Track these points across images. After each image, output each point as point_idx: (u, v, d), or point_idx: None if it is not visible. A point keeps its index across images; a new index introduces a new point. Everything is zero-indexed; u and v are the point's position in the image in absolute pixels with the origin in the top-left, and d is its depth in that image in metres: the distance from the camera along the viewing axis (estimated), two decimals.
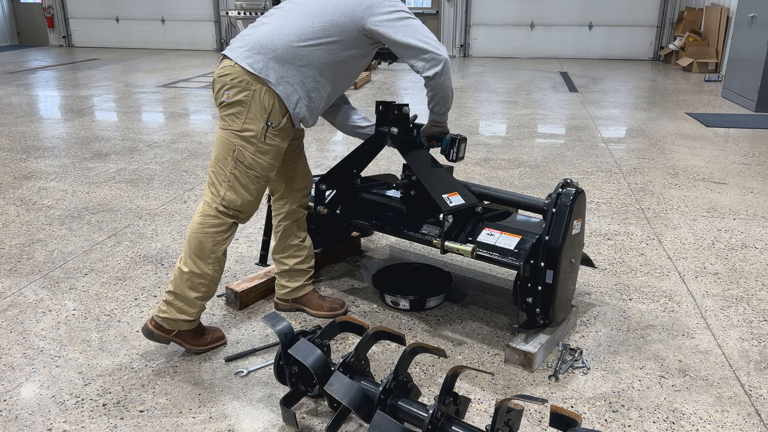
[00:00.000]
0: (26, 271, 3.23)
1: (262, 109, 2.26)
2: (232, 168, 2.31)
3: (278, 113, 2.29)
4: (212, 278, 2.39)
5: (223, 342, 2.55)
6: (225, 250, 2.41)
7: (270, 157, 2.34)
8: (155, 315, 2.40)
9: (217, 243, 2.36)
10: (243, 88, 2.25)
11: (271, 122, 2.28)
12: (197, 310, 2.41)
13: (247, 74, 2.25)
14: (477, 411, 2.18)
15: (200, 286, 2.37)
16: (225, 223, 2.37)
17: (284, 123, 2.32)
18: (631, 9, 13.16)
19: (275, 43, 2.27)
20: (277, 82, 2.26)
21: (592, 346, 2.58)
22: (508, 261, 2.40)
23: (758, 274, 3.24)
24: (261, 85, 2.25)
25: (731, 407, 2.20)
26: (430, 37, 2.31)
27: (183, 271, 2.35)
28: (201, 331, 2.49)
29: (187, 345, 2.45)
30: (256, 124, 2.27)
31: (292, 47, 2.27)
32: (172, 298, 2.37)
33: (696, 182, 4.77)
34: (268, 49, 2.26)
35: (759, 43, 7.45)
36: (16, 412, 2.15)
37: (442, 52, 2.30)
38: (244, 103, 2.26)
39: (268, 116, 2.27)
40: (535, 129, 6.67)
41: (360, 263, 3.35)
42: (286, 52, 2.27)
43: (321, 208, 2.86)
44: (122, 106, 7.86)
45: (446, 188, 2.54)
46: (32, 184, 4.67)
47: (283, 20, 2.32)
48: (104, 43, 15.73)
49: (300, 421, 2.09)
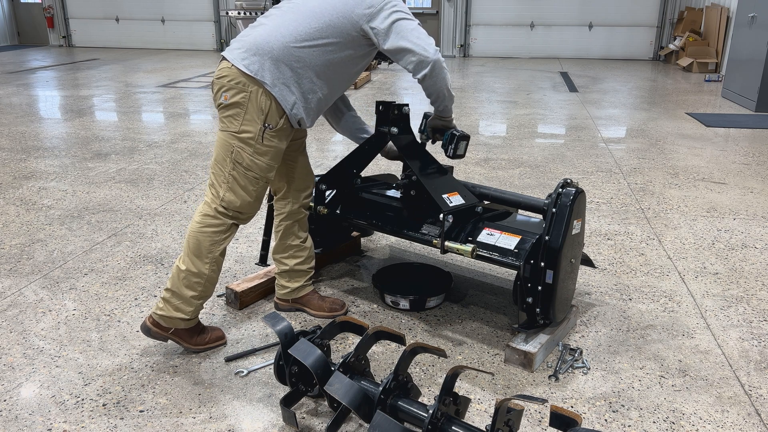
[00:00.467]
0: (26, 271, 3.23)
1: (259, 111, 2.26)
2: (231, 169, 2.32)
3: (275, 114, 2.29)
4: (209, 278, 2.39)
5: (223, 342, 2.55)
6: (223, 251, 2.41)
7: (268, 158, 2.34)
8: (153, 312, 2.41)
9: (215, 243, 2.37)
10: (240, 89, 2.26)
11: (268, 123, 2.28)
12: (193, 309, 2.41)
13: (243, 76, 2.25)
14: (477, 411, 2.18)
15: (197, 285, 2.37)
16: (224, 223, 2.37)
17: (282, 124, 2.32)
18: (631, 9, 13.16)
19: (271, 45, 2.27)
20: (273, 84, 2.26)
21: (592, 346, 2.58)
22: (508, 261, 2.40)
23: (758, 274, 3.24)
24: (257, 87, 2.25)
25: (731, 407, 2.20)
26: (420, 38, 2.28)
27: (180, 269, 2.37)
28: (199, 330, 2.49)
29: (184, 344, 2.46)
30: (254, 125, 2.27)
31: (289, 48, 2.27)
32: (170, 295, 2.38)
33: (696, 182, 4.77)
34: (263, 51, 2.26)
35: (759, 43, 7.45)
36: (16, 412, 2.15)
37: (430, 54, 2.27)
38: (241, 105, 2.26)
39: (265, 118, 2.27)
40: (535, 129, 6.67)
41: (360, 263, 3.35)
42: (282, 53, 2.26)
43: (321, 208, 2.86)
44: (122, 106, 7.86)
45: (446, 188, 2.54)
46: (32, 184, 4.67)
47: (280, 21, 2.32)
48: (104, 43, 15.73)
49: (300, 421, 2.09)
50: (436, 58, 2.29)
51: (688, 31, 11.59)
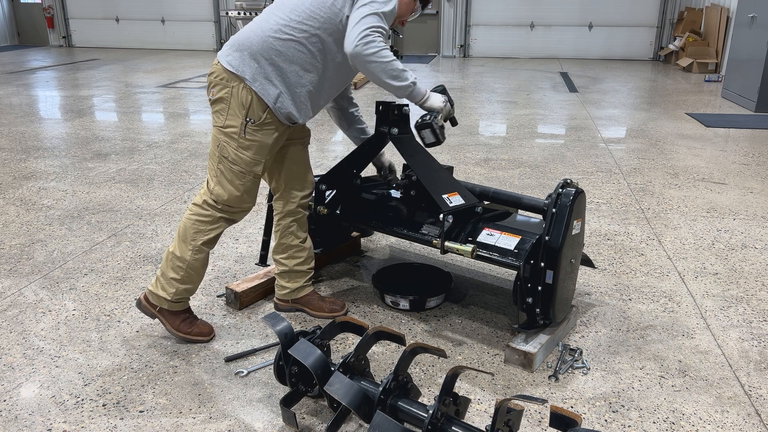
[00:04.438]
0: (26, 271, 3.23)
1: (240, 106, 2.30)
2: (218, 163, 2.39)
3: (257, 109, 2.31)
4: (190, 264, 2.45)
5: (206, 339, 2.57)
6: (208, 242, 2.45)
7: (252, 152, 2.36)
8: (147, 287, 2.56)
9: (198, 231, 2.42)
10: (224, 85, 2.31)
11: (249, 118, 2.31)
12: (174, 292, 2.47)
13: (226, 72, 2.31)
14: (477, 411, 2.18)
15: (179, 269, 2.45)
16: (212, 215, 2.42)
17: (265, 118, 2.33)
18: (631, 9, 13.16)
19: (251, 40, 2.31)
20: (253, 79, 2.29)
21: (592, 347, 2.58)
22: (508, 261, 2.40)
23: (758, 274, 3.24)
24: (238, 82, 2.29)
25: (731, 407, 2.20)
26: (355, 29, 2.19)
27: (169, 250, 2.48)
28: (184, 318, 2.55)
29: (167, 325, 2.54)
30: (236, 120, 2.32)
31: (269, 42, 2.29)
32: (159, 274, 2.50)
33: (696, 182, 4.77)
34: (244, 46, 2.30)
35: (759, 43, 7.45)
36: (16, 412, 2.15)
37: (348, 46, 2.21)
38: (225, 100, 2.32)
39: (247, 112, 2.31)
40: (535, 129, 6.67)
41: (360, 263, 3.35)
42: (262, 47, 2.29)
43: (321, 208, 2.86)
44: (122, 107, 7.86)
45: (446, 188, 2.54)
46: (32, 184, 4.67)
47: (266, 16, 2.36)
48: (104, 43, 15.73)
49: (300, 421, 2.09)
50: (350, 51, 2.21)
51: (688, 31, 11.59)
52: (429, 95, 2.46)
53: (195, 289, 2.54)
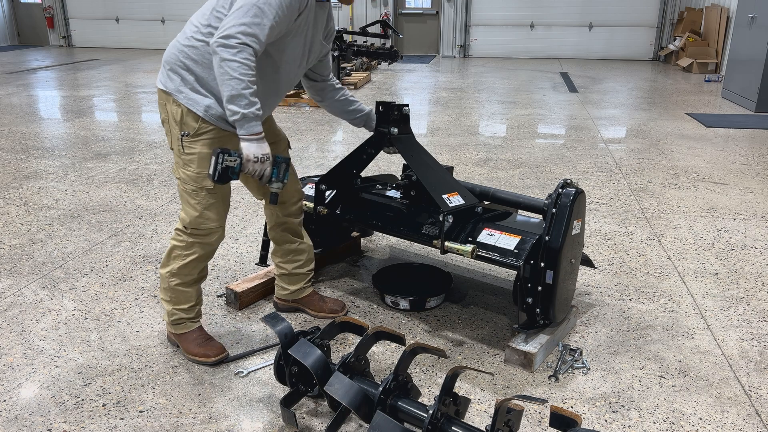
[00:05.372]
0: (26, 271, 3.23)
1: (174, 122, 2.23)
2: (178, 186, 2.33)
3: (190, 120, 2.20)
4: (170, 288, 2.37)
5: (210, 361, 2.41)
6: (184, 268, 2.34)
7: (195, 166, 2.23)
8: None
9: (176, 257, 2.35)
10: (162, 106, 2.28)
11: (184, 131, 2.21)
12: (169, 312, 2.42)
13: (159, 92, 2.28)
14: (477, 411, 2.18)
15: (165, 291, 2.40)
16: (184, 240, 2.33)
17: (198, 128, 2.20)
18: (631, 9, 13.17)
19: (169, 54, 2.26)
20: (177, 91, 2.20)
21: (592, 347, 2.58)
22: (508, 261, 2.40)
23: (758, 274, 3.24)
24: (168, 98, 2.24)
25: (731, 407, 2.20)
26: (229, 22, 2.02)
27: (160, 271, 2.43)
28: (193, 339, 2.45)
29: (180, 348, 2.49)
30: (175, 137, 2.25)
31: (184, 52, 2.20)
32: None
33: (696, 182, 4.77)
34: (166, 62, 2.27)
35: (759, 43, 7.45)
36: (16, 412, 2.15)
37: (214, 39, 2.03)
38: (166, 121, 2.28)
39: (180, 126, 2.22)
40: (535, 129, 6.67)
41: (360, 263, 3.35)
42: (178, 59, 2.21)
43: (321, 208, 2.86)
44: (122, 107, 7.86)
45: (446, 188, 2.54)
46: (32, 184, 4.67)
47: (182, 30, 2.29)
48: (104, 43, 15.73)
49: (300, 422, 2.09)
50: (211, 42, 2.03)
51: (688, 31, 11.60)
52: (255, 140, 2.10)
53: (194, 309, 2.44)
